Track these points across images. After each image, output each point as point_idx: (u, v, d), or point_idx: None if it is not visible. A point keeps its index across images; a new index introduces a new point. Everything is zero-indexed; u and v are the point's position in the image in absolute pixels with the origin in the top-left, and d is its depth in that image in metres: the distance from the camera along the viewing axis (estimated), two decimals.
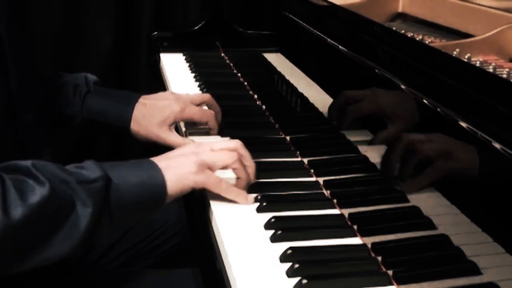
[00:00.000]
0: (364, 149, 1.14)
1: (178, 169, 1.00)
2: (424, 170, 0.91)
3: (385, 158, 1.03)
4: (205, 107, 1.36)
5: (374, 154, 1.12)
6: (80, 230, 0.88)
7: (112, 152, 2.49)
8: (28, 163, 0.90)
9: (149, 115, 1.28)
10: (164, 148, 1.20)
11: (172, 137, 1.27)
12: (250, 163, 1.08)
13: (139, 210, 0.98)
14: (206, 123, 1.32)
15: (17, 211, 0.83)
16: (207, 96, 1.38)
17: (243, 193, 1.05)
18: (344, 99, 1.20)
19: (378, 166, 1.09)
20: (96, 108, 1.31)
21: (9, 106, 1.05)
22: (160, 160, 1.01)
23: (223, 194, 1.03)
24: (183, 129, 1.37)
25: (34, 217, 0.85)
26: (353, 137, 1.17)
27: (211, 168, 1.03)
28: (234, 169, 1.05)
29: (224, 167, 1.05)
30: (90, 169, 0.93)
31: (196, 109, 1.31)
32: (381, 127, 1.05)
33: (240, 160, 1.05)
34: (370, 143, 1.11)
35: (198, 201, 1.13)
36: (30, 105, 1.12)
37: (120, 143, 2.46)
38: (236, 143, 1.08)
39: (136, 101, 1.30)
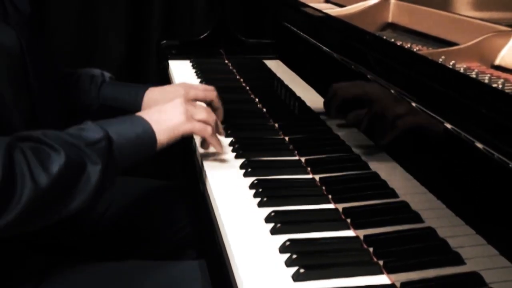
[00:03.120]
0: (357, 150, 1.14)
1: (168, 122, 1.07)
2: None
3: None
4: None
5: (366, 153, 1.12)
6: (92, 184, 0.95)
7: None
8: (38, 133, 0.95)
9: (159, 99, 1.33)
10: None
11: None
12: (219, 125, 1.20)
13: (136, 158, 1.05)
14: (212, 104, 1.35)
15: (42, 178, 0.89)
16: (210, 87, 1.41)
17: (221, 143, 1.17)
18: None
19: (370, 165, 1.09)
20: (111, 95, 1.37)
21: (31, 110, 1.06)
22: (152, 114, 1.09)
23: (207, 138, 1.13)
24: None
25: (56, 181, 0.91)
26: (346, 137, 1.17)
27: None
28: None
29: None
30: (92, 130, 0.99)
31: (199, 90, 1.36)
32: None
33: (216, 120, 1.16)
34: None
35: (203, 197, 1.13)
36: (50, 108, 1.15)
37: None
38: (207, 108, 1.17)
39: (146, 89, 1.37)
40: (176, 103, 1.12)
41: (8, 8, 1.07)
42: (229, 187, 1.10)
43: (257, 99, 1.58)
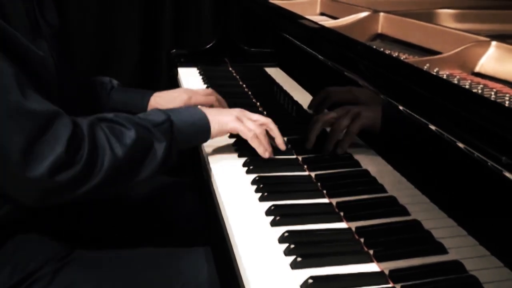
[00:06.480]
0: (350, 149, 1.14)
1: (221, 117, 1.16)
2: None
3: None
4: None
5: (358, 152, 1.12)
6: (158, 159, 1.04)
7: None
8: (111, 115, 1.05)
9: (164, 104, 1.35)
10: None
11: None
12: (276, 135, 1.19)
13: (192, 141, 1.16)
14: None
15: (119, 150, 0.99)
16: (210, 90, 1.44)
17: (263, 146, 1.16)
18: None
19: (361, 163, 1.09)
20: (119, 99, 1.39)
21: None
22: (211, 110, 1.18)
23: (249, 141, 1.15)
24: None
25: (130, 153, 1.00)
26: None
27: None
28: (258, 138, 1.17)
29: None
30: (157, 114, 1.09)
31: (201, 96, 1.38)
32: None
33: (264, 134, 1.17)
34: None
35: (210, 193, 1.14)
36: (78, 111, 1.15)
37: None
38: (267, 120, 1.19)
39: (151, 94, 1.40)
40: (234, 109, 1.21)
41: (40, 22, 1.08)
42: (232, 183, 1.10)
43: (258, 103, 1.58)
